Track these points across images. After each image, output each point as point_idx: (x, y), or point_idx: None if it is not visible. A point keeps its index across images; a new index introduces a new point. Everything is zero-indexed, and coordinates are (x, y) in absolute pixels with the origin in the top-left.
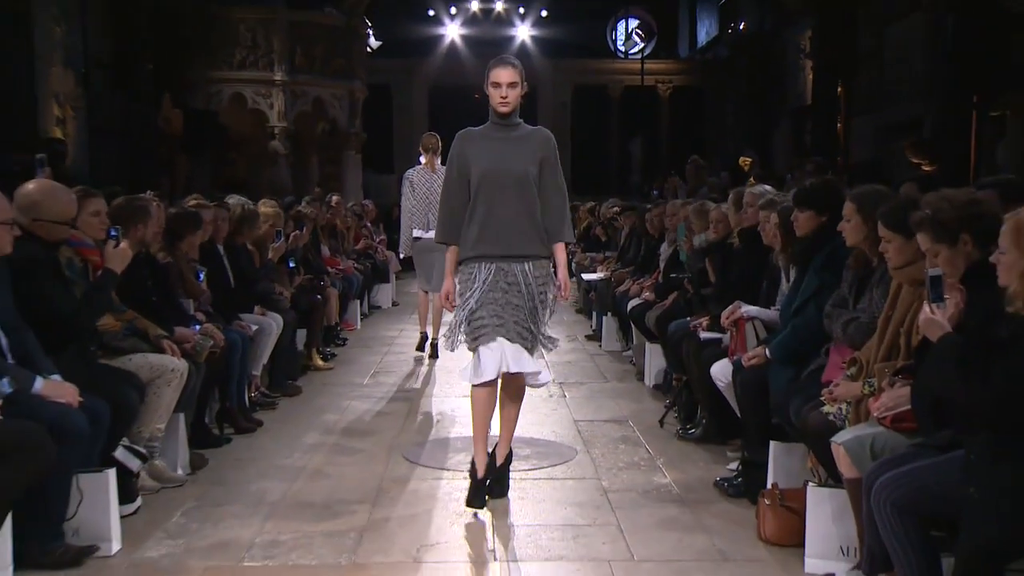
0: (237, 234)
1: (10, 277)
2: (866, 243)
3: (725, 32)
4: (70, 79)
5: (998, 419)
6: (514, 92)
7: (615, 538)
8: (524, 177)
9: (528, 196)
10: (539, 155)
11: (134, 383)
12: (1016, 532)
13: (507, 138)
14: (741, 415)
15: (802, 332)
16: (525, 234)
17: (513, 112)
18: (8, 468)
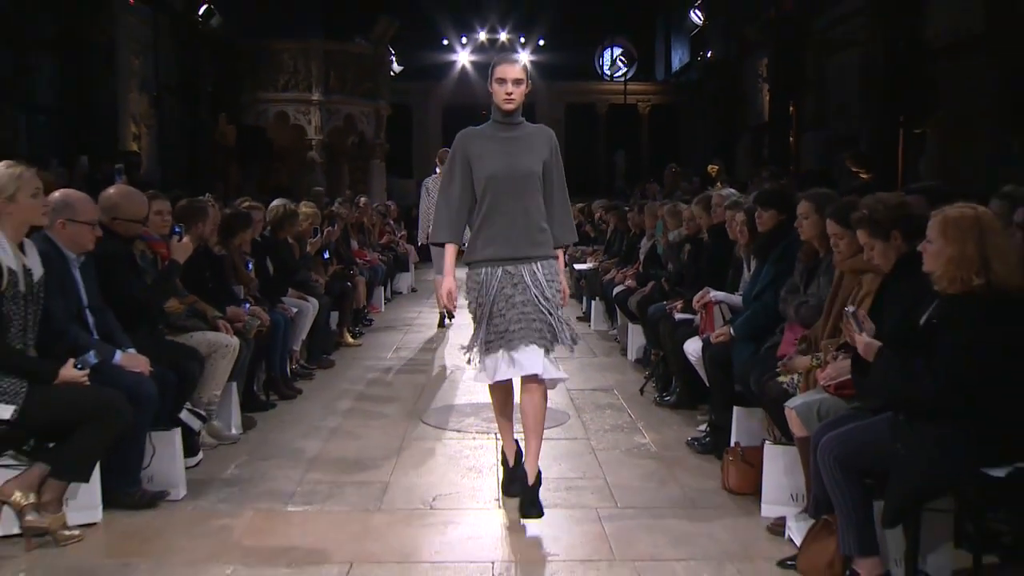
0: (279, 230)
1: (95, 268)
2: (817, 238)
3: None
4: (144, 102)
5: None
6: (519, 89)
7: (601, 489)
8: (530, 177)
9: (535, 196)
10: (544, 154)
11: (195, 356)
12: (932, 480)
13: (511, 137)
14: (709, 384)
15: (761, 314)
16: (533, 235)
17: (517, 110)
18: (96, 425)
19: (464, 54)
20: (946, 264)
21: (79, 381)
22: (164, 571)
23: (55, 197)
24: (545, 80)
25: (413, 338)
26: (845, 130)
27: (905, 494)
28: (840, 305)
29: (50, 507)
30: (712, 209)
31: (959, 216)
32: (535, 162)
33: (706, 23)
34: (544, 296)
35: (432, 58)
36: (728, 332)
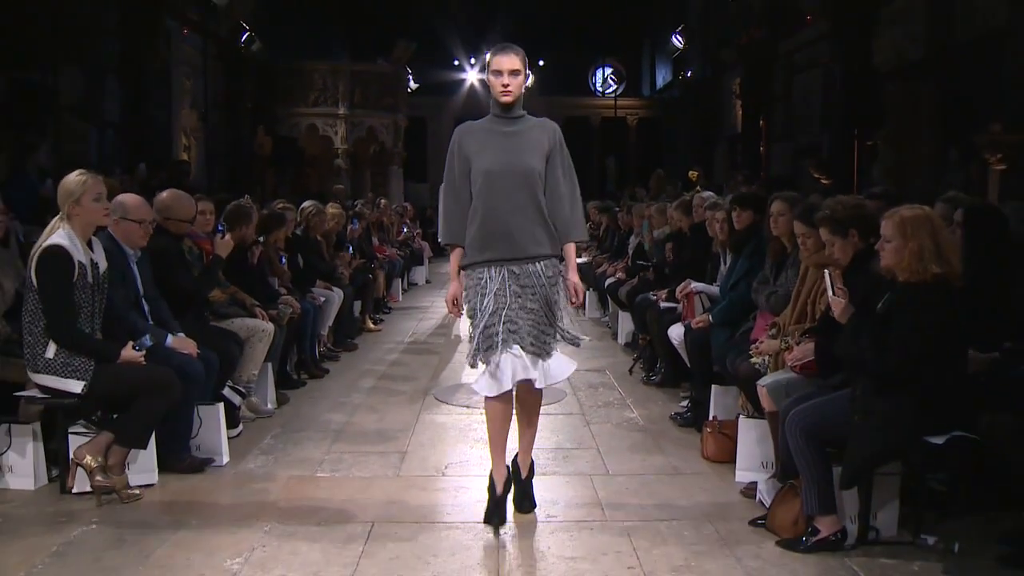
0: (310, 228)
1: (150, 262)
2: (787, 234)
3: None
4: (194, 117)
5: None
6: (516, 80)
7: (595, 458)
8: (530, 173)
9: (535, 193)
10: (546, 148)
11: (235, 340)
12: (883, 447)
13: (511, 132)
14: (690, 365)
15: (736, 303)
16: (534, 233)
17: (516, 103)
18: (152, 399)
19: (473, 72)
20: (909, 257)
21: (137, 361)
22: (210, 527)
23: (115, 200)
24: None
25: (427, 324)
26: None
27: (860, 460)
28: (804, 295)
29: (115, 469)
30: (692, 210)
31: (914, 216)
32: (535, 158)
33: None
34: (547, 297)
35: (444, 76)
36: (707, 319)
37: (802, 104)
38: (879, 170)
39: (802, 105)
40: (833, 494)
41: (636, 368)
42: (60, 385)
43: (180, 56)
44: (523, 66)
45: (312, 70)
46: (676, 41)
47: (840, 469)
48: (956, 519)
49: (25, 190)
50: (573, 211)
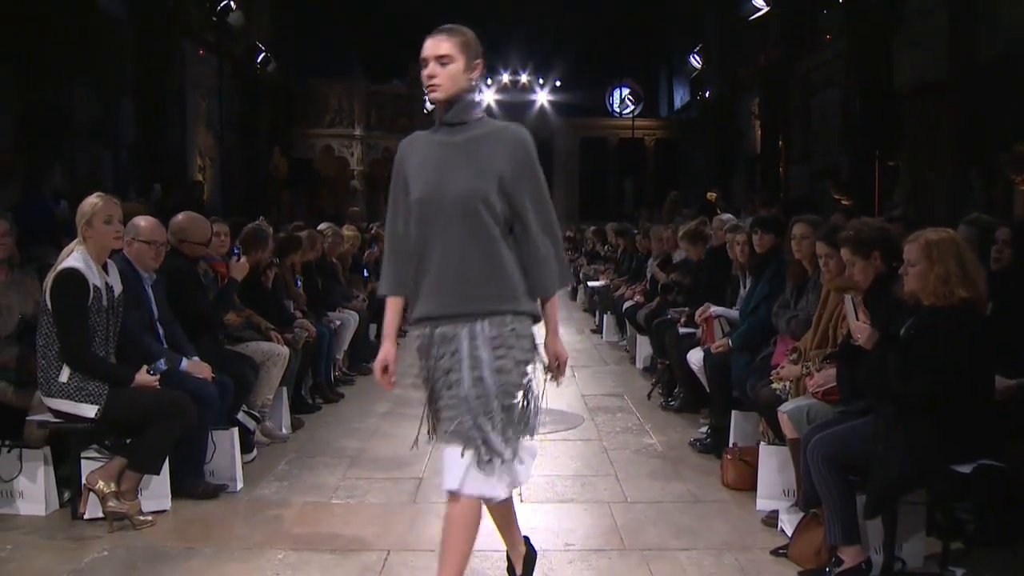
0: (326, 251)
1: (165, 284)
2: (808, 257)
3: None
4: (209, 138)
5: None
6: (446, 71)
7: (613, 485)
8: (470, 199)
9: (481, 226)
10: (503, 166)
11: (250, 364)
12: (908, 476)
13: (454, 144)
14: (709, 391)
15: (756, 327)
16: (474, 282)
17: (455, 102)
18: (166, 424)
19: (489, 93)
20: (934, 281)
21: (151, 385)
22: (224, 554)
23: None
24: (562, 117)
25: None
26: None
27: (884, 489)
28: (826, 320)
29: (128, 495)
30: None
31: (939, 239)
32: (483, 178)
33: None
34: (483, 372)
35: None
36: (727, 343)
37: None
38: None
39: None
40: (857, 523)
41: (655, 393)
42: (74, 409)
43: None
44: (458, 50)
45: (328, 91)
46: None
47: (864, 498)
48: (984, 550)
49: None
50: (549, 251)
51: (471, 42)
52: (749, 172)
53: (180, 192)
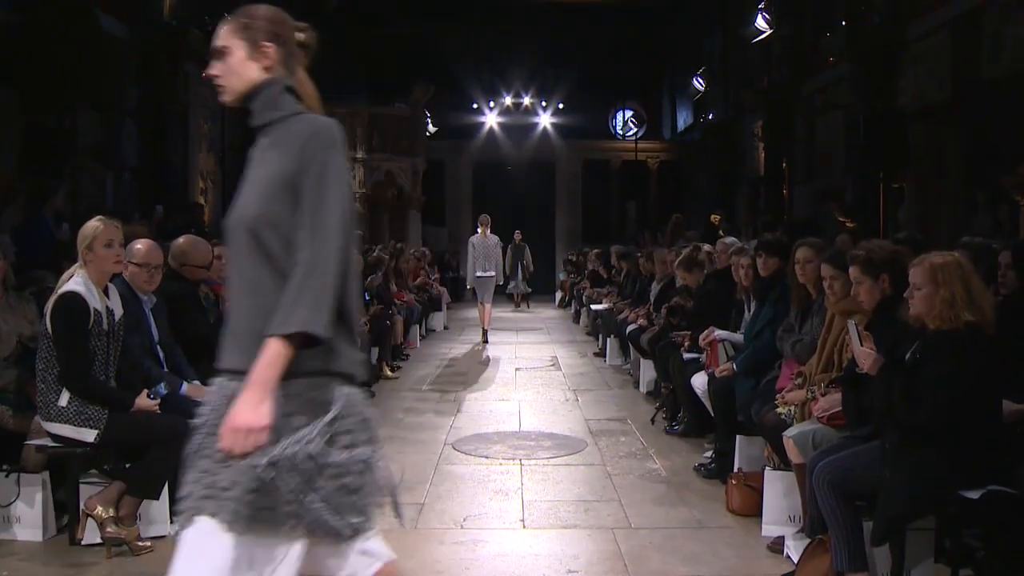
0: None
1: (165, 308)
2: (813, 281)
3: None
4: (211, 160)
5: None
6: (224, 65)
7: (617, 511)
8: (238, 226)
9: (252, 258)
10: (284, 173)
11: None
12: (916, 501)
13: (255, 155)
14: (714, 415)
15: (761, 351)
16: (236, 330)
17: (251, 98)
18: (166, 449)
19: (492, 116)
20: (940, 305)
21: (151, 409)
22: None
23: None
24: (565, 139)
25: (445, 372)
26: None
27: (891, 515)
28: (831, 344)
29: (126, 521)
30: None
31: (945, 263)
32: (256, 195)
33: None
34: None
35: (463, 119)
36: (731, 368)
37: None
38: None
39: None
40: (864, 550)
41: (659, 417)
42: (73, 434)
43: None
44: (234, 36)
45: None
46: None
47: (871, 524)
48: None
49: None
50: (305, 279)
51: (253, 21)
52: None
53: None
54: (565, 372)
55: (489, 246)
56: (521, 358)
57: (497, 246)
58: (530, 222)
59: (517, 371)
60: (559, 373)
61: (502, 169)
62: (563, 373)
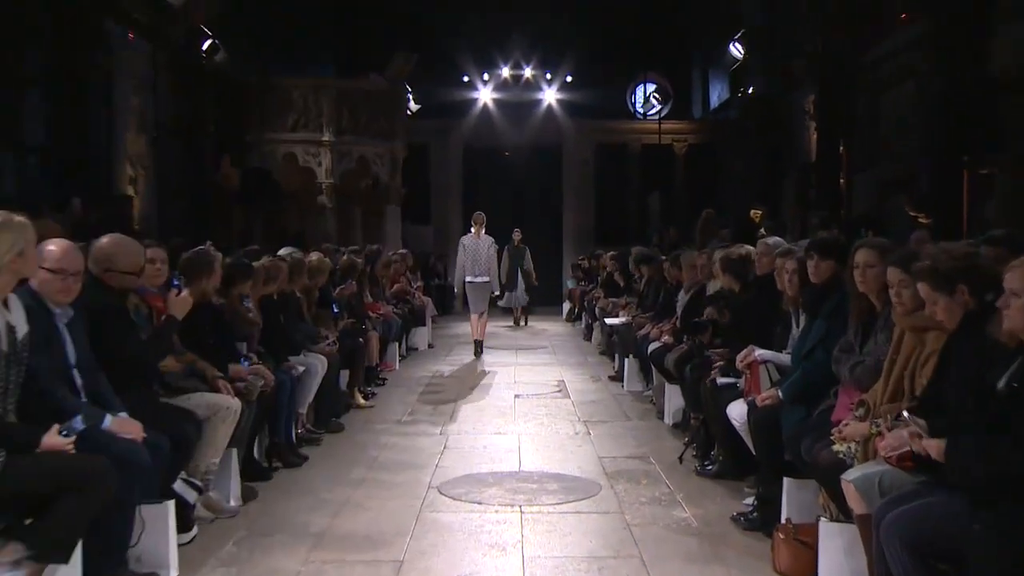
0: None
1: (85, 324)
2: (877, 291)
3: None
4: (141, 142)
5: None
6: None
7: (638, 570)
8: None
9: None
10: None
11: (192, 420)
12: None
13: None
14: (756, 453)
15: (812, 375)
16: None
17: None
18: (79, 498)
19: (486, 91)
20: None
21: (64, 448)
22: None
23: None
24: (573, 119)
25: (430, 399)
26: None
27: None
28: (900, 367)
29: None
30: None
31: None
32: None
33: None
34: None
35: (451, 95)
36: (776, 395)
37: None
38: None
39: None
40: None
41: (688, 455)
42: None
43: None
44: None
45: (290, 87)
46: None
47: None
48: None
49: None
50: None
51: None
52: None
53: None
54: (574, 400)
55: (483, 248)
56: (521, 383)
57: (492, 248)
58: (532, 219)
59: (516, 398)
60: (567, 401)
61: (498, 155)
62: (572, 401)
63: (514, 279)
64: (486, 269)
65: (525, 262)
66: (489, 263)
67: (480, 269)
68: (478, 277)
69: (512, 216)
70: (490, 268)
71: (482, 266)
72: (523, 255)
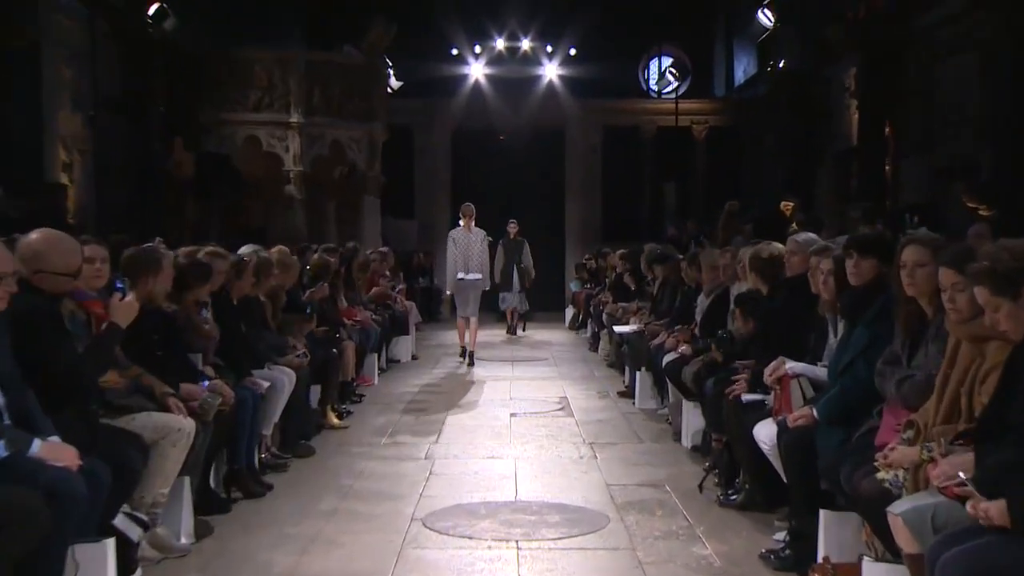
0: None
1: (10, 332)
2: (929, 294)
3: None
4: (77, 122)
5: None
6: None
7: None
8: None
9: None
10: None
11: (137, 444)
12: None
13: None
14: (787, 480)
15: (852, 391)
16: None
17: None
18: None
19: (478, 66)
20: None
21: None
22: None
23: None
24: (578, 98)
25: (414, 418)
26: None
27: None
28: (956, 382)
29: None
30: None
31: None
32: None
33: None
34: None
35: (439, 71)
36: (810, 414)
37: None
38: None
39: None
40: None
41: (709, 483)
42: None
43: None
44: None
45: (252, 61)
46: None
47: None
48: None
49: None
50: None
51: None
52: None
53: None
54: (579, 419)
55: (475, 242)
56: (519, 399)
57: (485, 241)
58: (531, 211)
59: (513, 417)
60: (570, 420)
61: (492, 140)
62: (576, 420)
63: (510, 278)
64: (479, 265)
65: (523, 257)
66: (482, 258)
67: (473, 265)
68: (470, 274)
69: (508, 208)
70: (483, 264)
71: (475, 262)
72: (520, 249)
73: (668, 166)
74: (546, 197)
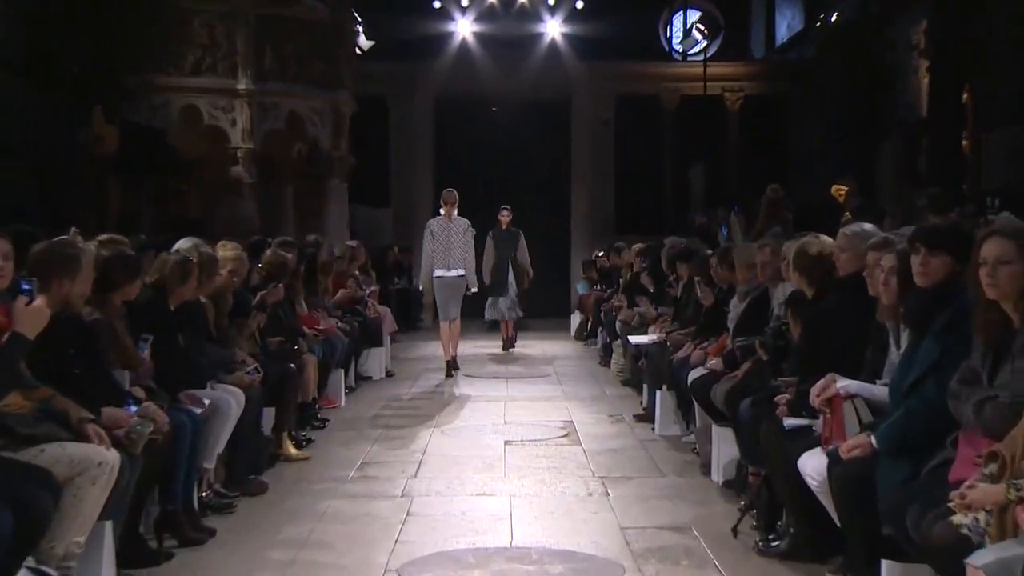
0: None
1: None
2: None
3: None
4: None
5: None
6: None
7: None
8: None
9: None
10: None
11: (47, 483)
12: None
13: None
14: (841, 523)
15: (920, 415)
16: None
17: None
18: None
19: (465, 23)
20: None
21: None
22: None
23: None
24: (586, 61)
25: (389, 447)
26: None
27: None
28: None
29: None
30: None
31: None
32: None
33: None
34: None
35: (419, 29)
36: (868, 442)
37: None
38: None
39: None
40: None
41: (745, 525)
42: None
43: None
44: None
45: (190, 13)
46: None
47: None
48: None
49: None
50: None
51: None
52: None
53: None
54: (587, 447)
55: (456, 233)
56: (515, 423)
57: (468, 232)
58: (528, 198)
59: (508, 445)
60: (577, 449)
61: (483, 112)
62: (583, 449)
63: (503, 279)
64: (460, 260)
65: (518, 252)
66: (464, 252)
67: (453, 260)
68: (451, 271)
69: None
70: (466, 259)
71: (456, 256)
72: (515, 242)
73: (695, 143)
74: (547, 181)
